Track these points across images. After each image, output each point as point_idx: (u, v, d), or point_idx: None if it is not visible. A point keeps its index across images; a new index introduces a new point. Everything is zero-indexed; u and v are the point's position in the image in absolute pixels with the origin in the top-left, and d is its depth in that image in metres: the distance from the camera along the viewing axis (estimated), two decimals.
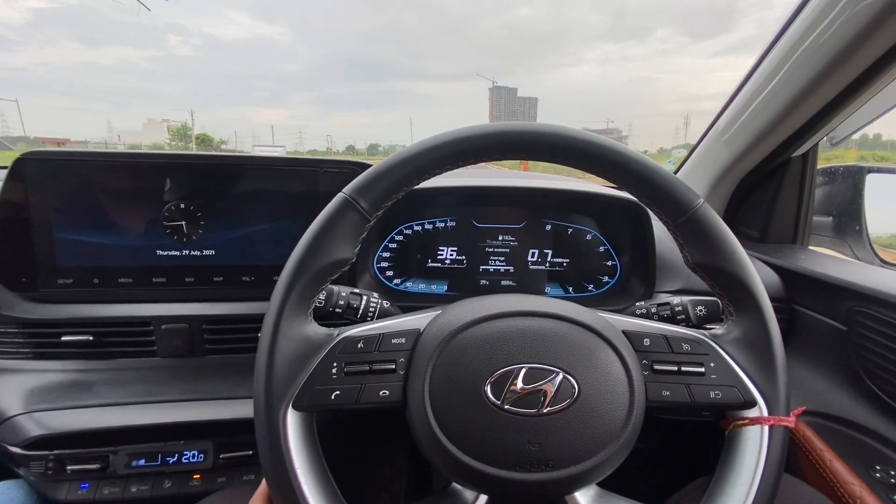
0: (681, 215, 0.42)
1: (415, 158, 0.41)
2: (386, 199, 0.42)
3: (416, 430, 0.40)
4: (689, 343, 0.43)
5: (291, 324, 0.40)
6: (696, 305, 0.61)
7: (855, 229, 0.88)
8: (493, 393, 0.38)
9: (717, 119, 0.87)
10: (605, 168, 0.42)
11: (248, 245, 0.71)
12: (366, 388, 0.40)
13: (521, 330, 0.41)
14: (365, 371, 0.41)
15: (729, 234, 0.42)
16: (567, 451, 0.37)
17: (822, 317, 0.70)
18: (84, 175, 0.65)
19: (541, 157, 0.42)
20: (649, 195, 0.42)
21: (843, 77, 0.67)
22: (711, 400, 0.41)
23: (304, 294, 0.41)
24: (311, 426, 0.41)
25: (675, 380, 0.42)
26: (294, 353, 0.40)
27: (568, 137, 0.41)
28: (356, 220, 0.41)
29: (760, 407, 0.41)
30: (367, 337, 0.42)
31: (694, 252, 0.43)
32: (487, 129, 0.41)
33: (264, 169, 0.69)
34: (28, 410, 0.62)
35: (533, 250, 0.81)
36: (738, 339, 0.43)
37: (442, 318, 0.43)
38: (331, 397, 0.40)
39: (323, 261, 0.41)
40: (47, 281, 0.67)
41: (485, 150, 0.41)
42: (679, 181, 0.42)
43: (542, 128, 0.41)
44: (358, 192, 0.41)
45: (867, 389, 0.63)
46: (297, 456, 0.38)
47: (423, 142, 0.42)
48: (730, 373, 0.42)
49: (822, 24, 0.64)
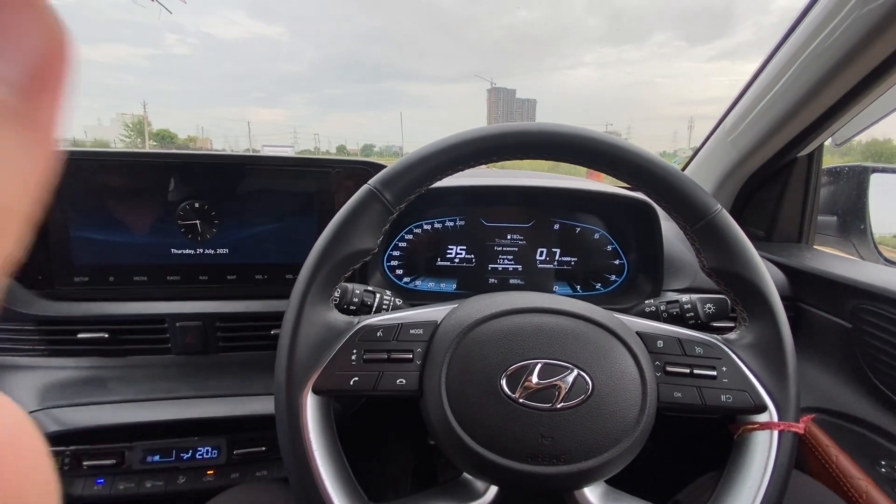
0: (698, 220, 0.43)
1: (440, 154, 0.42)
2: (410, 192, 0.43)
3: (430, 420, 0.41)
4: (702, 346, 0.44)
5: (314, 309, 0.41)
6: (705, 303, 0.62)
7: (859, 228, 0.89)
8: (509, 386, 0.39)
9: (723, 118, 0.88)
10: (625, 171, 0.43)
11: (261, 244, 0.72)
12: (383, 375, 0.41)
13: (537, 326, 0.42)
14: (383, 359, 0.42)
15: (745, 240, 0.43)
16: (579, 447, 0.38)
17: (827, 315, 0.71)
18: (100, 174, 0.66)
19: (562, 157, 0.43)
20: (667, 199, 0.43)
21: (850, 78, 0.67)
22: (722, 403, 0.42)
23: (327, 281, 0.42)
24: (329, 411, 0.42)
25: (687, 382, 0.43)
26: (316, 339, 0.41)
27: (589, 139, 0.42)
28: (380, 212, 0.42)
29: (770, 412, 0.42)
30: (386, 326, 0.43)
31: (710, 257, 0.44)
32: (510, 129, 0.42)
33: (277, 169, 0.70)
34: (44, 407, 0.62)
35: (541, 249, 0.81)
36: (750, 345, 0.44)
37: (459, 311, 0.44)
38: (349, 383, 0.41)
39: (347, 249, 0.42)
40: (64, 279, 0.67)
41: (507, 149, 0.42)
42: (697, 186, 0.43)
43: (564, 129, 0.42)
44: (383, 184, 0.42)
45: (872, 386, 0.64)
46: (315, 438, 0.40)
47: (448, 138, 0.43)
48: (741, 377, 0.43)
49: (829, 25, 0.65)
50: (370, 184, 0.43)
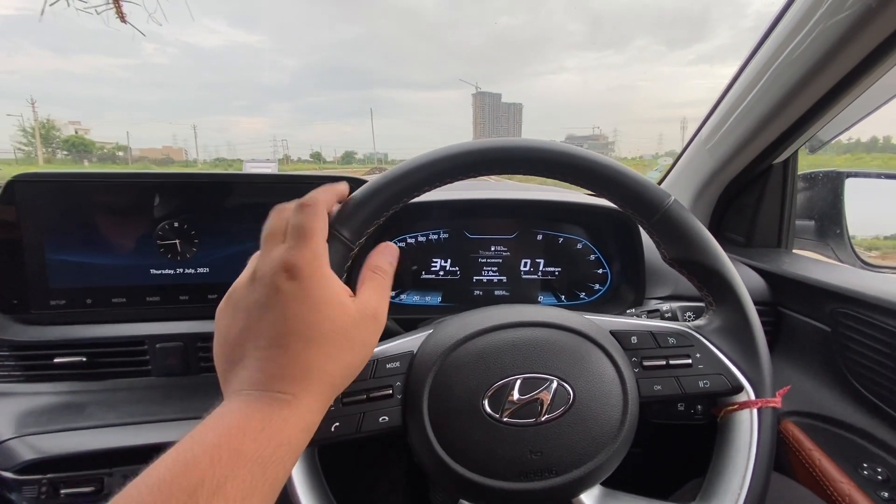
0: (654, 214, 0.43)
1: (391, 184, 0.42)
2: (367, 225, 0.42)
3: (418, 453, 0.40)
4: (675, 336, 0.45)
5: None
6: (686, 311, 0.63)
7: (836, 232, 0.90)
8: (491, 407, 0.39)
9: (700, 128, 0.90)
10: (576, 176, 0.43)
11: (242, 262, 0.70)
12: (365, 416, 0.40)
13: (511, 342, 0.42)
14: (362, 399, 0.40)
15: (701, 228, 0.44)
16: (568, 456, 0.38)
17: (807, 319, 0.72)
18: (76, 195, 0.65)
19: (516, 171, 0.43)
20: (622, 197, 0.44)
21: (820, 87, 0.69)
22: (700, 389, 0.43)
23: None
24: (315, 460, 0.41)
25: (665, 373, 0.43)
26: None
27: (542, 150, 0.42)
28: (340, 251, 0.41)
29: (747, 391, 0.43)
30: None
31: (669, 248, 0.44)
32: (456, 150, 0.42)
33: (257, 186, 0.70)
34: (20, 434, 0.61)
35: (525, 260, 0.82)
36: (719, 329, 0.45)
37: (434, 337, 0.44)
38: (331, 429, 0.39)
39: None
40: (39, 302, 0.66)
41: (457, 170, 0.42)
42: (649, 182, 0.43)
43: (517, 143, 0.43)
44: (338, 221, 0.41)
45: (852, 389, 0.65)
46: (304, 495, 0.39)
47: (397, 167, 0.42)
48: (715, 361, 0.44)
49: (797, 36, 0.66)
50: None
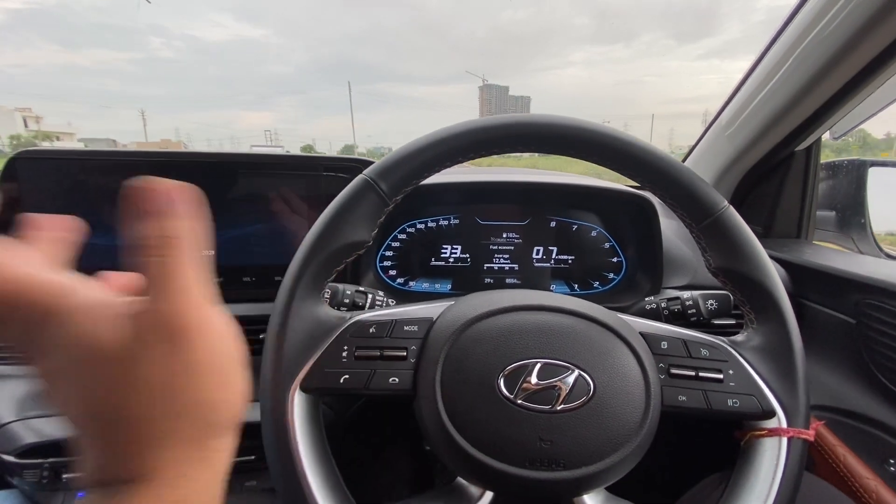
0: (704, 218, 0.41)
1: (438, 144, 0.40)
2: (406, 183, 0.41)
3: (424, 421, 0.39)
4: (708, 348, 0.42)
5: (304, 303, 0.39)
6: (707, 299, 0.61)
7: (859, 223, 0.87)
8: (507, 387, 0.37)
9: (720, 113, 0.87)
10: (628, 166, 0.41)
11: (248, 245, 0.69)
12: (376, 373, 0.39)
13: (537, 324, 0.40)
14: (375, 356, 0.40)
15: (753, 239, 0.41)
16: (579, 451, 0.36)
17: (830, 311, 0.70)
18: (79, 175, 0.63)
19: (565, 151, 0.41)
20: (672, 195, 0.41)
21: (846, 71, 0.66)
22: (729, 408, 0.40)
23: (318, 274, 0.40)
24: (318, 410, 0.40)
25: (693, 385, 0.41)
26: (305, 333, 0.39)
27: (592, 132, 0.40)
28: (375, 203, 0.40)
29: (779, 418, 0.40)
30: (379, 322, 0.41)
31: (716, 256, 0.42)
32: (512, 120, 0.41)
33: (263, 167, 0.68)
34: (22, 417, 0.60)
35: (538, 247, 0.80)
36: (758, 347, 0.42)
37: (456, 307, 0.43)
38: (339, 381, 0.39)
39: (340, 241, 0.40)
40: None
41: (508, 141, 0.41)
42: (704, 182, 0.41)
43: (569, 121, 0.41)
44: (379, 174, 0.40)
45: (878, 383, 0.62)
46: (302, 438, 0.37)
47: (447, 128, 0.41)
48: (749, 381, 0.41)
49: (823, 18, 0.64)
50: (365, 174, 0.41)
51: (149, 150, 0.70)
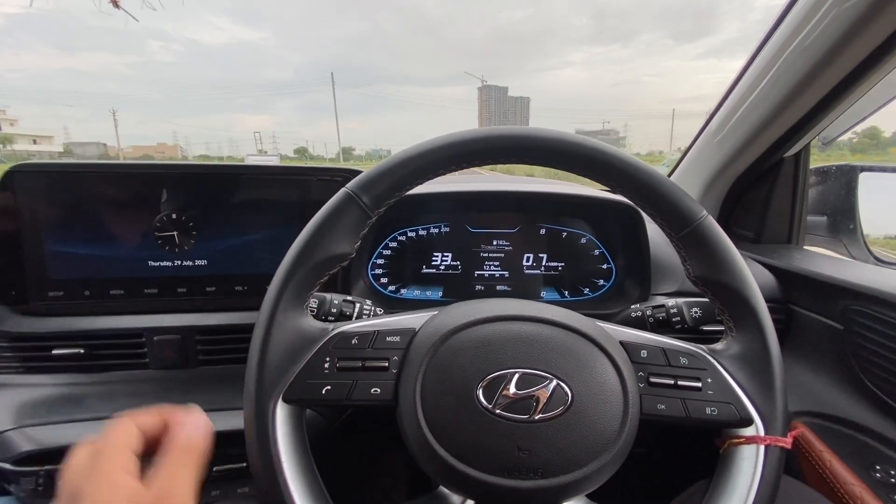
0: (683, 227, 0.42)
1: (418, 158, 0.41)
2: (388, 196, 0.42)
3: (405, 430, 0.40)
4: (687, 357, 0.43)
5: (287, 315, 0.40)
6: (692, 307, 0.61)
7: (849, 228, 0.88)
8: (486, 397, 0.38)
9: (709, 120, 0.87)
10: (610, 177, 0.42)
11: (241, 254, 0.70)
12: (357, 384, 0.40)
13: (516, 334, 0.40)
14: (357, 367, 0.40)
15: (732, 248, 0.42)
16: (557, 460, 0.37)
17: (818, 316, 0.70)
18: (75, 186, 0.65)
19: (543, 162, 0.42)
20: (651, 205, 0.42)
21: (832, 77, 0.67)
22: (707, 416, 0.41)
23: (301, 286, 0.41)
24: (301, 421, 0.41)
25: (671, 393, 0.42)
26: (288, 345, 0.40)
27: (571, 144, 0.41)
28: (357, 216, 0.41)
29: (757, 426, 0.41)
30: (361, 333, 0.42)
31: (696, 265, 0.43)
32: (489, 133, 0.41)
33: (256, 177, 0.69)
34: (18, 426, 0.61)
35: (528, 255, 0.80)
36: (736, 356, 0.43)
37: (438, 318, 0.43)
38: (322, 392, 0.39)
39: (322, 254, 0.41)
40: (38, 294, 0.66)
41: (488, 154, 0.41)
42: (683, 192, 0.42)
43: (545, 133, 0.41)
44: (361, 187, 0.41)
45: (865, 388, 0.62)
46: (285, 449, 0.38)
47: (427, 142, 0.42)
48: (727, 389, 0.42)
49: (808, 24, 0.64)
50: (347, 187, 0.42)
51: (145, 161, 0.71)
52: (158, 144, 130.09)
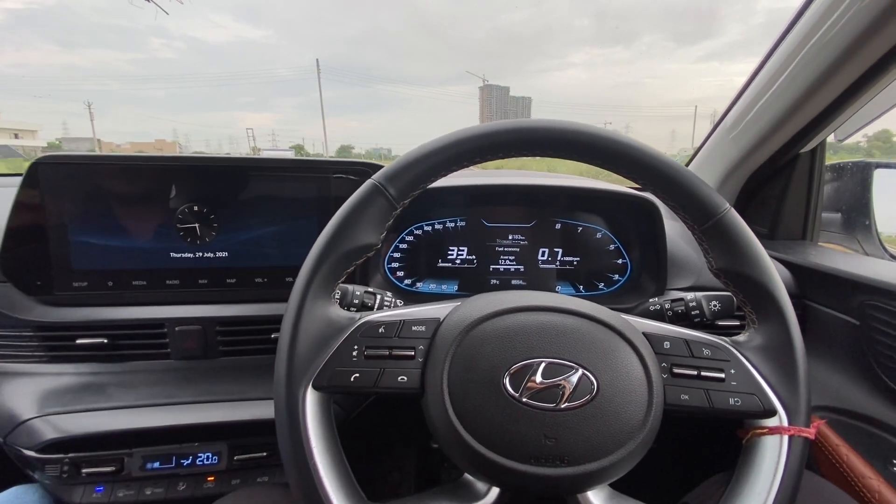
0: (706, 220, 0.42)
1: (444, 149, 0.42)
2: (414, 187, 0.42)
3: (432, 418, 0.40)
4: (710, 348, 0.43)
5: (315, 304, 0.41)
6: (710, 301, 0.61)
7: (864, 225, 0.88)
8: (512, 385, 0.38)
9: (724, 115, 0.87)
10: (631, 169, 0.42)
11: (261, 247, 0.71)
12: (385, 372, 0.41)
13: (542, 325, 0.41)
14: (385, 356, 0.41)
15: (755, 240, 0.42)
16: (583, 448, 0.37)
17: (835, 312, 0.70)
18: (99, 179, 0.66)
19: (568, 155, 0.43)
20: (675, 198, 0.42)
21: (851, 73, 0.67)
22: (730, 407, 0.41)
23: (329, 276, 0.41)
24: (329, 408, 0.41)
25: (695, 384, 0.42)
26: (316, 334, 0.40)
27: (597, 137, 0.41)
28: (384, 207, 0.42)
29: (780, 416, 0.41)
30: (388, 322, 0.43)
31: (718, 258, 0.43)
32: (516, 125, 0.42)
33: (275, 171, 0.70)
34: (43, 414, 0.62)
35: (543, 249, 0.81)
36: (760, 347, 0.43)
37: (463, 308, 0.44)
38: (350, 379, 0.40)
39: (349, 244, 0.41)
40: (62, 284, 0.67)
41: (513, 146, 0.42)
42: (705, 184, 0.42)
43: (570, 126, 0.42)
44: (387, 178, 0.42)
45: (882, 384, 0.63)
46: (315, 435, 0.39)
47: (453, 133, 0.42)
48: (750, 380, 0.42)
49: (829, 19, 0.64)
50: (374, 178, 0.42)
51: (168, 154, 0.72)
52: (157, 141, 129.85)
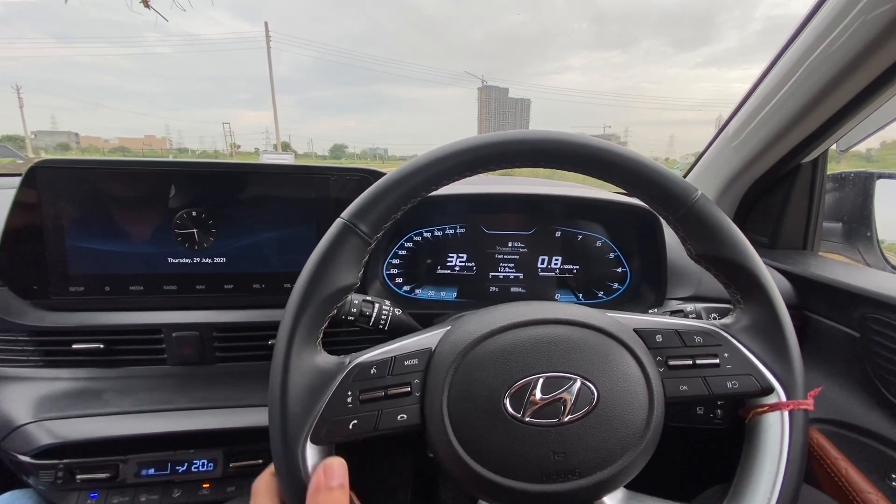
0: (680, 209, 0.42)
1: (409, 178, 0.41)
2: (385, 220, 0.41)
3: (437, 451, 0.39)
4: (702, 335, 0.43)
5: (301, 356, 0.39)
6: (710, 312, 0.61)
7: (865, 235, 0.87)
8: (513, 406, 0.38)
9: (726, 124, 0.87)
10: (599, 169, 0.42)
11: (259, 252, 0.71)
12: (383, 413, 0.39)
13: (534, 339, 0.40)
14: (380, 397, 0.40)
15: (729, 223, 0.43)
16: (593, 457, 0.37)
17: (834, 323, 0.70)
18: (97, 183, 0.65)
19: (535, 163, 0.42)
20: (646, 191, 0.42)
21: (855, 84, 0.67)
22: (728, 390, 0.42)
23: (311, 325, 0.40)
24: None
25: (691, 373, 0.42)
26: (307, 387, 0.39)
27: (561, 142, 0.41)
28: (357, 245, 0.41)
29: (778, 392, 0.41)
30: (379, 361, 0.41)
31: (696, 244, 0.43)
32: (476, 142, 0.41)
33: (275, 176, 0.69)
34: (38, 419, 0.61)
35: (542, 257, 0.81)
36: (748, 327, 0.43)
37: (453, 334, 0.43)
38: (349, 427, 0.39)
39: (327, 289, 0.40)
40: (59, 289, 0.66)
41: (477, 163, 0.41)
42: (675, 175, 0.42)
43: (535, 135, 0.41)
44: (356, 216, 0.41)
45: (882, 397, 0.62)
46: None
47: (415, 160, 0.41)
48: (744, 361, 0.42)
49: (834, 31, 0.64)
50: (343, 217, 0.41)
51: (167, 159, 0.72)
52: (146, 137, 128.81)
